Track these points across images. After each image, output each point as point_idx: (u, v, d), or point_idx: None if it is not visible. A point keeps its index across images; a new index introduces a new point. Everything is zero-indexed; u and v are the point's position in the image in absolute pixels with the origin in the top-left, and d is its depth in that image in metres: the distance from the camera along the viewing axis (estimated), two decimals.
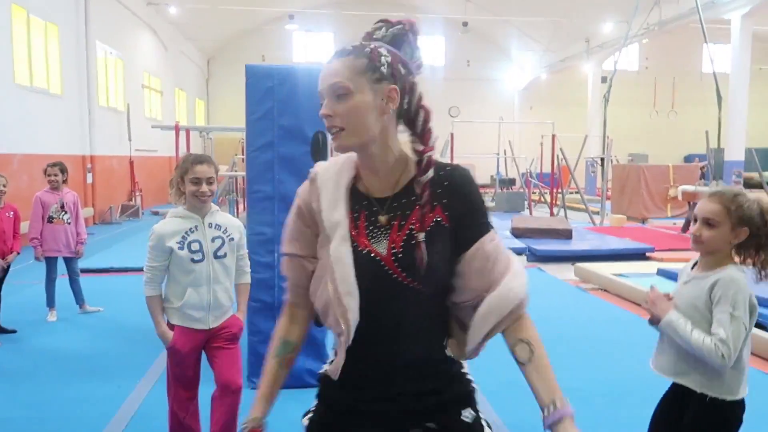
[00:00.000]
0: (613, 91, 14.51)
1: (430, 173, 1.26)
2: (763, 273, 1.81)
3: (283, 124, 3.45)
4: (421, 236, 1.23)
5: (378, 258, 1.25)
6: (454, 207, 1.27)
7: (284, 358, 1.43)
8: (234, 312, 2.78)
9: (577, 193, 13.76)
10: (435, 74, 24.60)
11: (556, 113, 22.23)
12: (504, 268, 1.27)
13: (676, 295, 1.91)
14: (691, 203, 10.93)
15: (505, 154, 17.54)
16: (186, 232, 2.53)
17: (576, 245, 8.77)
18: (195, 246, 2.53)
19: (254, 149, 3.49)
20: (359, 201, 1.31)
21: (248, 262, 2.83)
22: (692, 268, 1.94)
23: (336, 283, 1.24)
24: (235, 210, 10.97)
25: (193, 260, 2.53)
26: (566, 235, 9.23)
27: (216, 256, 2.58)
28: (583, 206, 13.10)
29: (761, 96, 24.06)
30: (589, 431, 3.01)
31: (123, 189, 14.14)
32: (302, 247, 1.38)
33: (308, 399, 3.49)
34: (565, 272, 7.19)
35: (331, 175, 1.33)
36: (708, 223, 1.82)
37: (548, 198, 14.25)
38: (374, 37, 1.30)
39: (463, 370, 1.34)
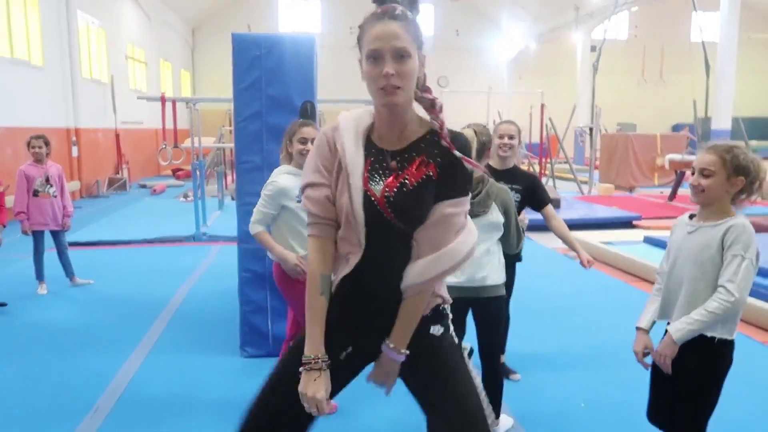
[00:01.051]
0: (602, 61, 14.45)
1: (441, 129, 1.49)
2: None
3: (270, 93, 3.43)
4: (411, 187, 1.48)
5: (373, 198, 1.48)
6: (444, 167, 1.49)
7: (327, 291, 1.53)
8: None
9: (565, 162, 13.79)
10: (424, 44, 24.33)
11: (545, 83, 22.12)
12: (448, 238, 1.49)
13: (680, 245, 1.99)
14: (678, 172, 11.01)
15: (494, 124, 17.49)
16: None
17: (564, 214, 8.82)
18: None
19: (242, 119, 3.47)
20: (368, 148, 1.53)
21: None
22: (690, 219, 2.02)
23: (353, 207, 1.47)
24: (224, 182, 10.92)
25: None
26: (554, 204, 9.27)
27: None
28: (572, 176, 13.16)
29: (749, 65, 24.05)
30: (577, 395, 3.10)
31: (109, 162, 13.98)
32: (325, 178, 1.52)
33: None
34: (553, 241, 7.21)
35: (351, 124, 1.53)
36: (704, 173, 1.91)
37: (537, 167, 14.28)
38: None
39: (438, 293, 1.59)
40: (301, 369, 1.48)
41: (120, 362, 3.50)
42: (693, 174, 1.96)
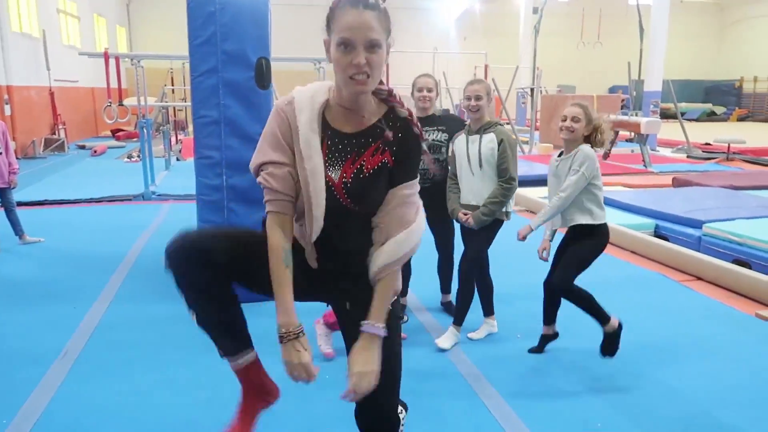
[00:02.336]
0: (543, 23, 14.78)
1: (409, 116, 1.56)
2: (603, 153, 2.81)
3: (226, 49, 3.52)
4: (367, 174, 1.53)
5: (331, 184, 1.53)
6: (399, 154, 1.55)
7: (291, 263, 1.56)
8: None
9: (508, 123, 14.22)
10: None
11: (490, 44, 22.44)
12: (411, 215, 1.60)
13: (552, 173, 3.01)
14: (612, 130, 11.59)
15: (438, 84, 17.70)
16: None
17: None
18: None
19: (199, 74, 3.55)
20: (324, 129, 1.54)
21: None
22: (558, 156, 2.99)
23: (310, 194, 1.51)
24: (169, 142, 10.75)
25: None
26: None
27: None
28: (514, 136, 13.60)
29: (681, 28, 25.08)
30: (512, 326, 3.43)
31: (45, 122, 13.44)
32: (287, 157, 1.52)
33: (260, 312, 3.77)
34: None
35: (307, 104, 1.52)
36: (574, 119, 2.88)
37: None
38: None
39: None
40: (280, 342, 1.50)
41: (83, 311, 3.61)
42: (565, 120, 2.90)
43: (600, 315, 2.89)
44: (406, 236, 1.56)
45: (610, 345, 2.92)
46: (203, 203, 3.69)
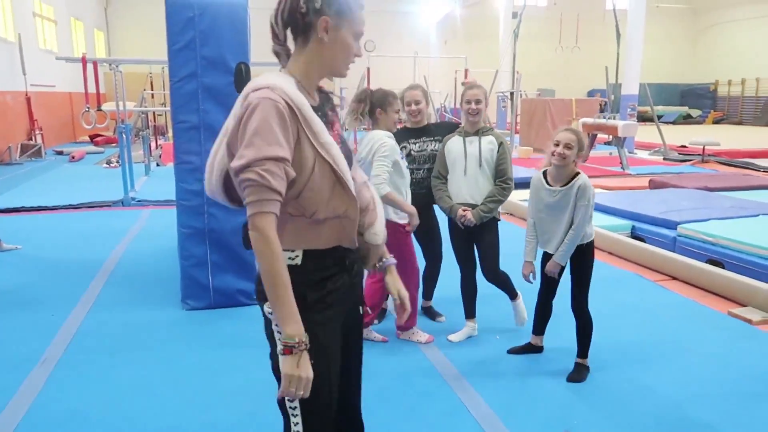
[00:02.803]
0: (523, 27, 14.94)
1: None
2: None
3: (205, 54, 3.53)
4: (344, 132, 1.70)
5: (346, 144, 1.61)
6: (334, 113, 1.62)
7: None
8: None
9: None
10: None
11: (471, 48, 22.60)
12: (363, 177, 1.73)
13: (548, 203, 2.89)
14: (591, 134, 11.76)
15: (428, 93, 17.75)
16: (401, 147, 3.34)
17: None
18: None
19: (178, 80, 3.55)
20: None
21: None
22: (546, 180, 2.90)
23: (342, 177, 1.46)
24: (149, 148, 10.67)
25: (407, 167, 3.26)
26: None
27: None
28: None
29: (657, 33, 25.52)
30: (491, 326, 3.47)
31: (21, 127, 13.24)
32: (289, 153, 1.39)
33: (242, 315, 3.78)
34: None
35: (296, 93, 1.43)
36: (567, 146, 2.79)
37: None
38: None
39: None
40: (285, 353, 1.37)
41: (63, 318, 3.59)
42: (558, 146, 2.80)
43: (587, 345, 2.98)
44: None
45: (578, 374, 2.93)
46: (183, 208, 3.69)
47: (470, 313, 3.45)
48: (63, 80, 15.38)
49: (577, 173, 2.83)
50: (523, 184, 9.46)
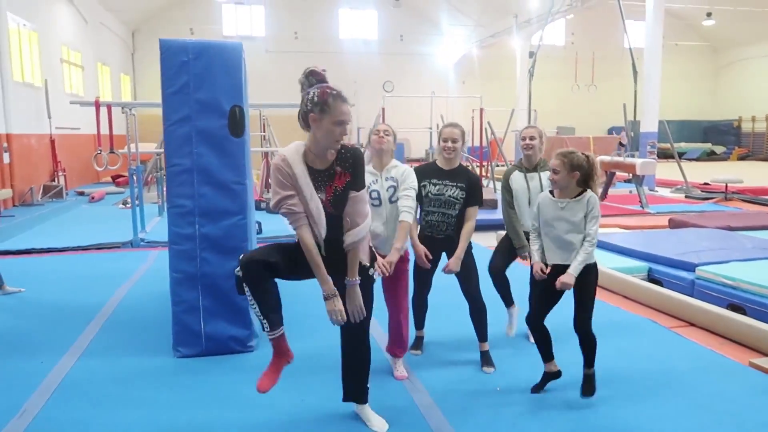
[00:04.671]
0: (541, 66, 14.96)
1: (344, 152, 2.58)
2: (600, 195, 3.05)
3: (199, 98, 3.51)
4: (340, 190, 2.55)
5: (321, 202, 2.52)
6: (355, 171, 2.56)
7: (319, 253, 2.53)
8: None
9: (503, 165, 14.24)
10: (368, 48, 24.57)
11: (488, 87, 22.73)
12: (360, 216, 2.59)
13: (553, 215, 3.00)
14: (608, 172, 11.57)
15: (437, 128, 17.81)
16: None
17: (499, 214, 9.15)
18: (374, 195, 3.28)
19: (171, 123, 3.53)
20: (309, 170, 2.52)
21: (409, 204, 3.25)
22: (553, 196, 3.03)
23: (312, 211, 2.50)
24: (164, 188, 10.77)
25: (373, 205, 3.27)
26: (492, 205, 9.62)
27: (390, 201, 3.29)
28: None
29: (676, 70, 25.38)
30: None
31: (44, 169, 13.54)
32: (294, 191, 2.48)
33: (234, 364, 3.65)
34: (488, 240, 7.55)
35: (296, 156, 2.50)
36: (554, 171, 2.95)
37: (477, 170, 14.67)
38: (323, 80, 2.51)
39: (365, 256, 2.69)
40: (326, 300, 2.52)
41: (50, 366, 3.50)
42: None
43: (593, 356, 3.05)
44: (361, 228, 2.57)
45: (588, 385, 3.03)
46: (175, 252, 3.62)
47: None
48: (88, 123, 15.74)
49: (585, 189, 2.98)
50: None
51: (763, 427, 2.76)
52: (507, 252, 3.86)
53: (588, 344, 3.04)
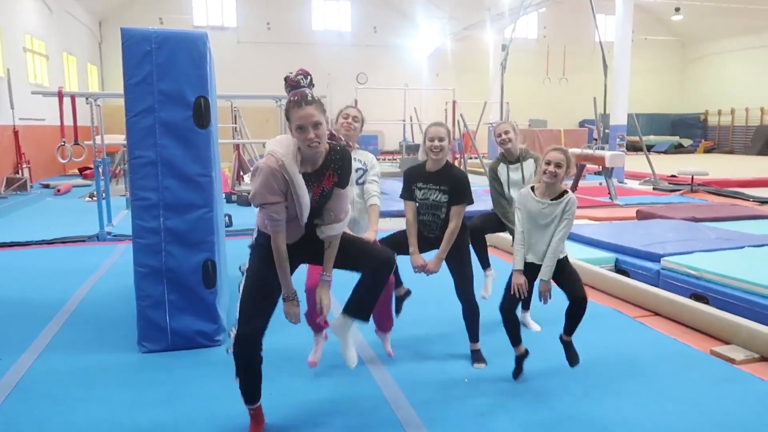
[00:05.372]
0: (513, 59, 15.08)
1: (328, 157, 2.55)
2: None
3: (162, 88, 3.43)
4: (326, 191, 2.58)
5: (308, 200, 2.50)
6: (340, 171, 2.58)
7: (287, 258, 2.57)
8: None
9: (476, 157, 14.32)
10: (342, 40, 24.41)
11: (461, 80, 22.81)
12: (342, 212, 2.65)
13: (537, 212, 3.11)
14: (579, 165, 11.70)
15: (411, 120, 17.83)
16: None
17: (473, 206, 9.21)
18: None
19: (134, 114, 3.45)
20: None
21: (376, 189, 3.43)
22: (534, 192, 3.13)
23: (302, 207, 2.49)
24: None
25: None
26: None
27: (357, 183, 3.40)
28: (483, 170, 13.68)
29: (645, 64, 25.80)
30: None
31: (8, 161, 13.16)
32: (281, 197, 2.45)
33: (201, 359, 3.60)
34: None
35: (292, 161, 2.43)
36: (558, 165, 3.03)
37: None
38: (301, 84, 2.44)
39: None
40: (284, 301, 2.58)
41: (9, 363, 3.40)
42: (549, 165, 3.04)
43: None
44: (341, 223, 2.63)
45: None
46: (139, 246, 3.55)
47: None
48: (53, 114, 15.33)
49: (566, 191, 3.11)
50: None
51: (724, 414, 2.83)
52: (491, 220, 4.10)
53: (579, 312, 3.14)
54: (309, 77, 2.46)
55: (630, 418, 2.79)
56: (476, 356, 3.48)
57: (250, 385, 2.59)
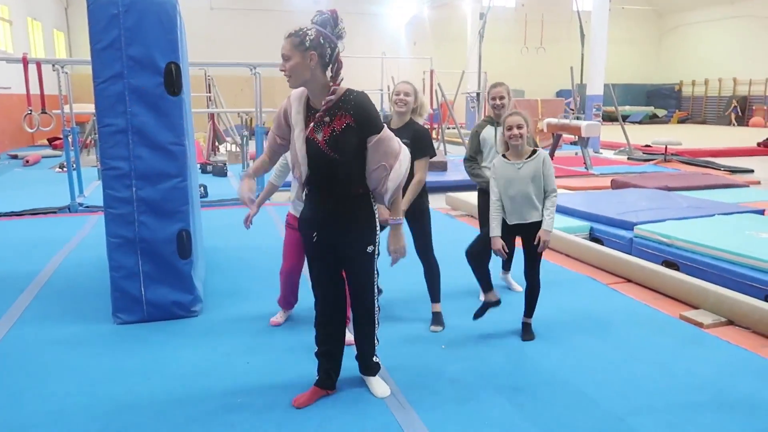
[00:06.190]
0: (491, 29, 14.93)
1: (333, 97, 2.41)
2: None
3: (132, 54, 3.33)
4: (338, 131, 2.42)
5: (317, 141, 2.44)
6: (357, 115, 2.42)
7: (263, 167, 2.73)
8: None
9: (454, 127, 14.28)
10: (318, 6, 23.71)
11: (440, 49, 22.58)
12: (391, 156, 2.47)
13: (515, 175, 3.22)
14: (555, 134, 11.77)
15: (388, 89, 17.63)
16: None
17: (449, 176, 9.25)
18: None
19: (102, 81, 3.35)
20: (310, 110, 2.47)
21: None
22: (507, 158, 3.27)
23: (296, 152, 2.48)
24: None
25: None
26: (441, 167, 9.69)
27: None
28: (460, 140, 13.67)
29: (622, 35, 25.82)
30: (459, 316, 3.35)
31: None
32: (278, 129, 2.59)
33: (177, 330, 3.58)
34: (438, 201, 7.60)
35: (297, 96, 2.49)
36: (519, 126, 3.18)
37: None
38: (312, 20, 2.39)
39: (369, 204, 2.56)
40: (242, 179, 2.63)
41: None
42: (511, 129, 3.21)
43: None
44: (400, 164, 2.48)
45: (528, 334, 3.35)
46: (112, 216, 3.48)
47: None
48: (19, 82, 14.84)
49: (535, 150, 3.25)
50: None
51: (692, 376, 2.91)
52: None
53: (533, 294, 3.36)
54: (324, 15, 2.38)
55: (602, 380, 2.86)
56: (436, 318, 3.56)
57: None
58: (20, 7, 16.59)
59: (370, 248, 2.55)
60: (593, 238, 5.58)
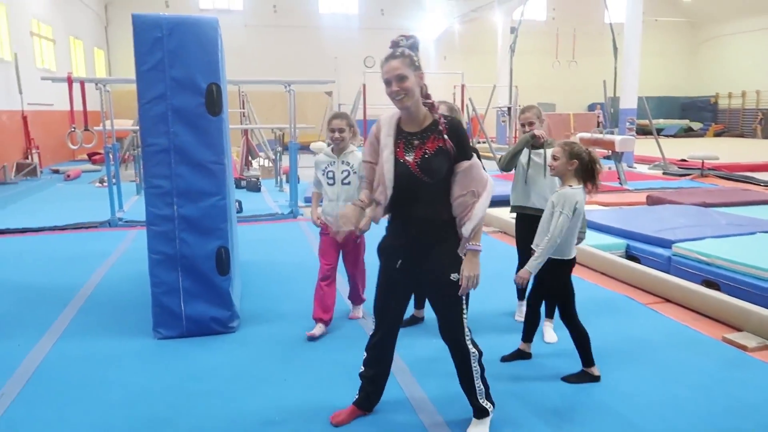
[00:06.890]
0: (522, 42, 14.88)
1: (439, 119, 2.43)
2: (589, 188, 3.09)
3: (174, 75, 3.43)
4: (430, 154, 2.40)
5: (407, 163, 2.42)
6: (451, 139, 2.40)
7: (368, 200, 2.53)
8: None
9: (484, 142, 14.25)
10: (349, 23, 24.21)
11: (470, 63, 22.60)
12: (480, 184, 2.40)
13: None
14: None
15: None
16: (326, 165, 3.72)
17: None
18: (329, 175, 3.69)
19: (146, 101, 3.45)
20: (401, 133, 2.47)
21: None
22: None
23: (383, 174, 2.44)
24: (141, 166, 10.60)
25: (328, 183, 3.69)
26: None
27: (342, 183, 3.64)
28: (492, 154, 13.62)
29: (655, 47, 25.47)
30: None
31: (17, 146, 13.22)
32: (371, 156, 2.52)
33: (215, 346, 3.63)
34: None
35: (387, 120, 2.50)
36: (554, 158, 3.07)
37: None
38: (400, 44, 2.41)
39: (454, 231, 2.44)
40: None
41: (27, 348, 3.45)
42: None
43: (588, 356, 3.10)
44: (487, 194, 2.40)
45: (578, 379, 3.08)
46: (153, 233, 3.57)
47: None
48: (61, 99, 15.35)
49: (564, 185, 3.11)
50: None
51: (735, 400, 2.84)
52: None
53: (532, 321, 3.32)
54: (411, 38, 2.43)
55: (642, 403, 2.81)
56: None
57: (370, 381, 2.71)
58: (63, 27, 17.21)
59: (454, 276, 2.40)
60: (629, 256, 5.49)
